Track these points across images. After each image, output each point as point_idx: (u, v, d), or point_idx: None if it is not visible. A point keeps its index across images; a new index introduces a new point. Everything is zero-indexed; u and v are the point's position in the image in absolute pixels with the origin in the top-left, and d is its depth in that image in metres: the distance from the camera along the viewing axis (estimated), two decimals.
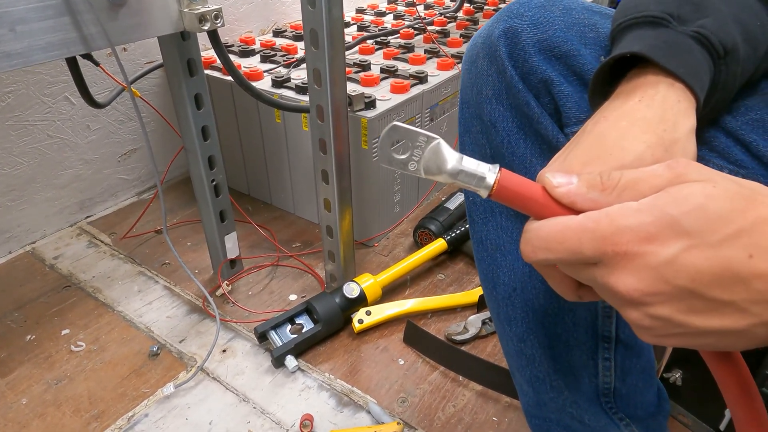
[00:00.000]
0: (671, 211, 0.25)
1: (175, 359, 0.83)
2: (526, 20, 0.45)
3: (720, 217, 0.24)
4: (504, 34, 0.45)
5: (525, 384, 0.54)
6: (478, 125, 0.50)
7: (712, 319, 0.25)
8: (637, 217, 0.26)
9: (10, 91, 0.98)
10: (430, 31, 1.38)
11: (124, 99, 1.14)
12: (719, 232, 0.24)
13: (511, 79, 0.45)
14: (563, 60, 0.44)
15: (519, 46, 0.45)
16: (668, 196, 0.26)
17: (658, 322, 0.26)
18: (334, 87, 0.75)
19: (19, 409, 0.75)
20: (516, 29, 0.45)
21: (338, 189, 0.84)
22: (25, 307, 0.93)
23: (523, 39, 0.44)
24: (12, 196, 1.03)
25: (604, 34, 0.45)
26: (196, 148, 0.84)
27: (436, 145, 0.30)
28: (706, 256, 0.24)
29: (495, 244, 0.51)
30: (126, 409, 0.75)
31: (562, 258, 0.28)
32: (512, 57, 0.45)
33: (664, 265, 0.25)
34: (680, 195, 0.25)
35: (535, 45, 0.44)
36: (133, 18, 0.66)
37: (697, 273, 0.24)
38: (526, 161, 0.47)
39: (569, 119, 0.45)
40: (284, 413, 0.75)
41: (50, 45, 0.60)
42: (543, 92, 0.45)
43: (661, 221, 0.25)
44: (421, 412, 0.75)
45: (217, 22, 0.73)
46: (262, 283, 0.99)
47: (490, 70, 0.47)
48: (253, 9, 1.37)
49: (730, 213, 0.24)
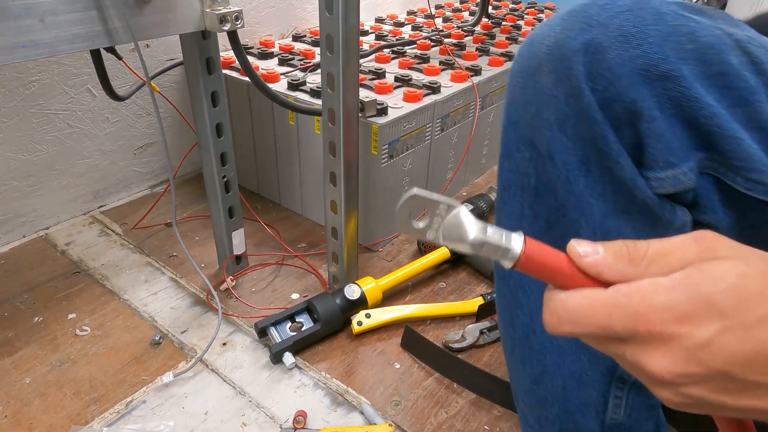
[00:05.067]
0: (706, 289, 0.24)
1: (176, 349, 0.85)
2: (612, 30, 0.36)
3: (754, 297, 0.24)
4: (584, 49, 0.37)
5: (531, 419, 0.53)
6: (527, 151, 0.43)
7: (745, 399, 0.25)
8: (671, 295, 0.25)
9: (35, 80, 1.01)
10: (446, 43, 1.40)
11: (143, 93, 1.17)
12: (754, 313, 0.24)
13: (587, 107, 0.37)
14: (660, 84, 0.36)
15: (603, 65, 0.36)
16: (701, 274, 0.25)
17: (689, 399, 0.26)
18: (347, 92, 0.77)
19: (22, 388, 0.77)
20: (600, 43, 0.36)
21: (345, 192, 0.85)
22: (35, 290, 0.96)
23: (610, 57, 0.36)
24: (30, 181, 1.06)
25: (704, 44, 0.36)
26: (210, 144, 0.86)
27: (456, 214, 0.28)
28: (741, 338, 0.24)
29: (518, 283, 0.48)
30: (125, 395, 0.77)
31: (590, 333, 0.27)
32: (592, 78, 0.37)
33: (700, 348, 0.24)
34: (714, 273, 0.25)
35: (624, 64, 0.36)
36: (156, 15, 0.69)
37: (732, 356, 0.24)
38: (583, 201, 0.41)
39: (655, 161, 0.38)
40: (278, 408, 0.76)
41: (76, 37, 0.63)
42: (625, 124, 0.38)
43: (697, 301, 0.24)
44: (413, 416, 0.76)
45: (238, 23, 0.75)
46: (266, 281, 1.00)
47: (557, 90, 0.39)
48: (274, 13, 1.40)
49: (763, 292, 0.24)
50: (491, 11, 1.75)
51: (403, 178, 1.08)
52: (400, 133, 1.01)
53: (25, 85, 1.00)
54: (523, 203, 0.45)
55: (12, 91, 0.98)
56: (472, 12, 1.81)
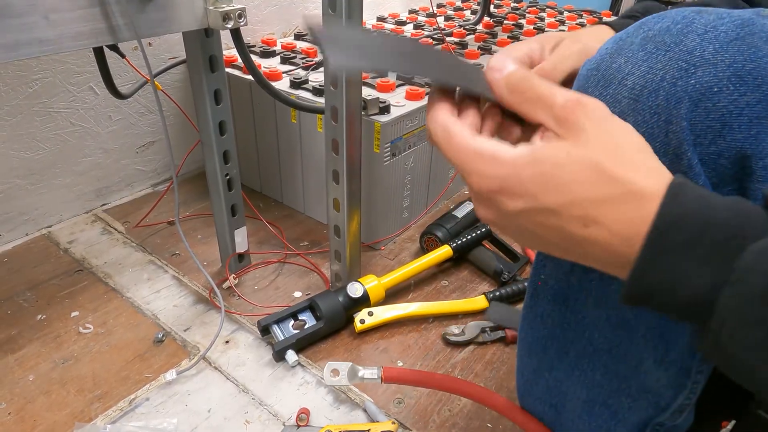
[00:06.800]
0: (523, 173, 0.29)
1: (178, 347, 0.85)
2: (722, 70, 0.29)
3: (551, 187, 0.29)
4: (689, 98, 0.30)
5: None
6: None
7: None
8: (499, 170, 0.30)
9: (38, 78, 1.01)
10: (448, 42, 1.40)
11: (145, 92, 1.17)
12: (542, 201, 0.29)
13: (687, 170, 0.31)
14: None
15: (712, 114, 0.30)
16: (529, 158, 0.29)
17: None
18: (350, 90, 0.77)
19: (26, 385, 0.77)
20: (711, 89, 0.29)
21: (348, 190, 0.85)
22: (38, 288, 0.96)
23: (722, 104, 0.29)
24: (32, 179, 1.07)
25: None
26: (213, 142, 0.86)
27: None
28: (527, 218, 0.30)
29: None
30: (128, 392, 0.77)
31: (449, 157, 0.33)
32: (698, 133, 0.30)
33: (504, 215, 0.31)
34: (537, 157, 0.29)
35: (741, 112, 0.29)
36: (160, 12, 0.69)
37: (518, 227, 0.32)
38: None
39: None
40: (281, 406, 0.76)
41: (80, 34, 0.63)
42: (728, 180, 0.31)
43: (513, 179, 0.30)
44: (416, 413, 0.76)
45: (241, 21, 0.75)
46: (268, 279, 1.01)
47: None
48: (276, 12, 1.41)
49: (559, 186, 0.29)
50: (493, 10, 1.74)
51: (405, 176, 1.08)
52: (403, 131, 1.01)
53: (27, 84, 1.00)
54: None
55: (15, 90, 0.98)
56: (473, 11, 1.81)
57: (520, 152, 0.30)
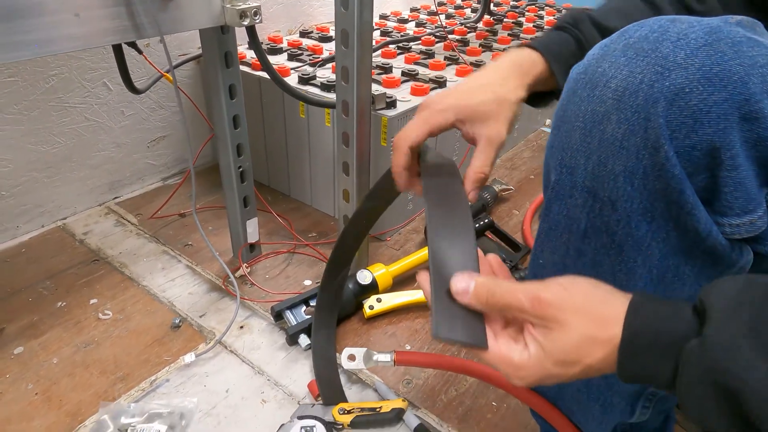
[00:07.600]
0: (548, 366, 0.35)
1: (195, 332, 0.88)
2: (693, 72, 0.33)
3: (570, 358, 0.35)
4: (664, 98, 0.33)
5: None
6: (580, 198, 0.41)
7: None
8: (531, 372, 0.36)
9: (55, 74, 1.04)
10: (450, 39, 1.43)
11: (157, 88, 1.20)
12: (571, 370, 0.35)
13: (665, 161, 0.35)
14: (747, 126, 0.33)
15: (685, 112, 0.33)
16: (545, 354, 0.36)
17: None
18: (360, 84, 0.81)
19: (50, 368, 0.81)
20: (683, 89, 0.33)
21: (357, 182, 0.89)
22: (56, 277, 0.99)
23: (693, 103, 0.33)
24: (48, 173, 1.10)
25: None
26: (227, 135, 0.90)
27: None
28: (560, 380, 0.37)
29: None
30: (149, 374, 0.80)
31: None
32: (674, 128, 0.34)
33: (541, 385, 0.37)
34: (549, 351, 0.35)
35: (710, 110, 0.33)
36: (180, 10, 0.72)
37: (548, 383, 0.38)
38: (643, 245, 0.39)
39: (731, 208, 0.36)
40: (296, 386, 0.80)
41: (106, 31, 0.66)
42: (701, 169, 0.35)
43: (544, 372, 0.36)
44: (424, 393, 0.80)
45: (256, 18, 0.79)
46: (279, 268, 1.04)
47: (627, 141, 0.36)
48: (281, 10, 1.44)
49: (579, 349, 0.35)
50: (493, 8, 1.78)
51: None
52: None
53: (45, 79, 1.03)
54: (569, 245, 0.44)
55: (33, 85, 1.02)
56: (473, 9, 1.85)
57: (537, 354, 0.36)
